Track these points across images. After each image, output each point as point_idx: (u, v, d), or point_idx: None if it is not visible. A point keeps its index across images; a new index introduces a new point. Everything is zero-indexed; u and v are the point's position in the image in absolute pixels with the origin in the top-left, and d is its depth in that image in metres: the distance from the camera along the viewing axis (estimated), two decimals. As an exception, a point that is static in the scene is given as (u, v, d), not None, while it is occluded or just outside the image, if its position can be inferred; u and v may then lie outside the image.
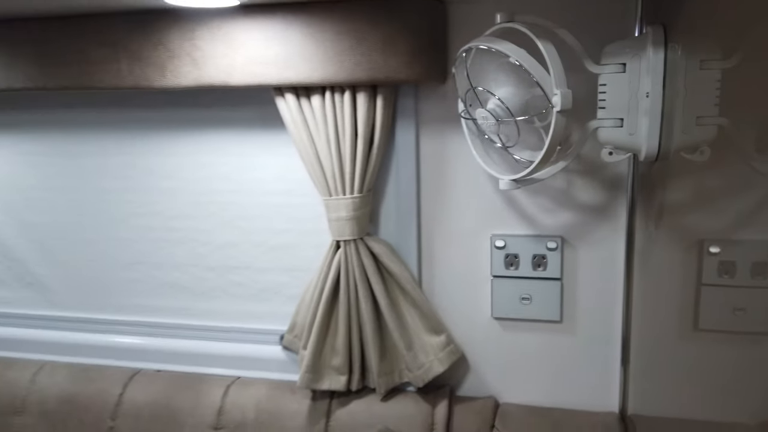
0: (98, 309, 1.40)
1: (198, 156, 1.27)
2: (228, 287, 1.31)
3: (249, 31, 1.07)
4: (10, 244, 1.41)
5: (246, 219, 1.28)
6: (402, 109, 1.15)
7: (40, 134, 1.35)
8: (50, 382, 1.30)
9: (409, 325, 1.17)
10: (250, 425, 1.18)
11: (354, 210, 1.11)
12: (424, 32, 1.03)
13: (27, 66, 1.18)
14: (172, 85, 1.12)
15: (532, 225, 1.15)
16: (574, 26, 0.96)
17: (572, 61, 0.94)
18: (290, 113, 1.11)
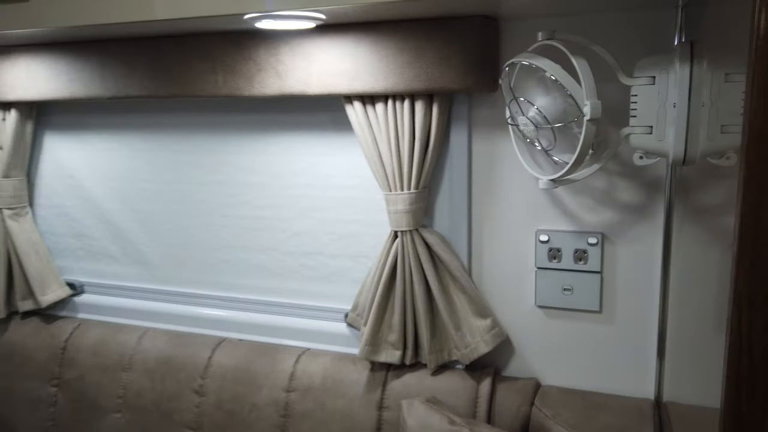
0: (193, 284, 1.62)
1: (279, 154, 1.46)
2: (302, 270, 1.50)
3: (324, 47, 1.24)
4: (124, 227, 1.66)
5: (319, 210, 1.45)
6: (456, 114, 1.28)
7: (151, 134, 1.58)
8: (152, 345, 1.54)
9: (457, 308, 1.30)
10: (316, 389, 1.36)
11: (410, 204, 1.26)
12: (477, 47, 1.16)
13: (142, 77, 1.41)
14: (259, 94, 1.31)
15: (575, 222, 1.25)
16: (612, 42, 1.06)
17: (608, 74, 1.04)
18: (357, 118, 1.27)
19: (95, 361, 1.56)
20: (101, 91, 1.45)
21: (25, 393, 1.61)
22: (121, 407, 1.52)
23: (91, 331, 1.61)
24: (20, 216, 1.69)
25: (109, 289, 1.71)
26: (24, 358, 1.63)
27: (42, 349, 1.62)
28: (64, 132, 1.67)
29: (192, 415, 1.44)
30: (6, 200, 1.66)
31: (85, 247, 1.72)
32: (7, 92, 1.56)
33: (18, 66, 1.52)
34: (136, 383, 1.51)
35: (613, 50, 1.04)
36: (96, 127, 1.63)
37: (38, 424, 1.59)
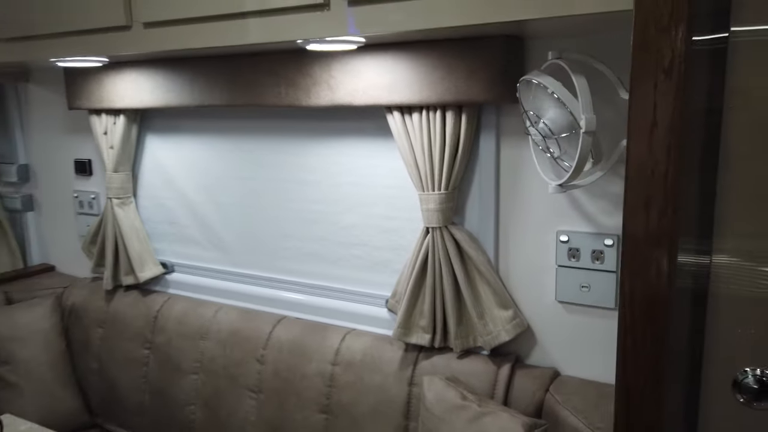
0: (261, 268, 1.86)
1: (332, 156, 1.66)
2: (350, 259, 1.68)
3: (368, 64, 1.42)
4: (206, 216, 1.93)
5: (365, 206, 1.63)
6: (485, 122, 1.41)
7: (229, 137, 1.84)
8: (225, 319, 1.79)
9: (482, 299, 1.43)
10: (357, 365, 1.54)
11: (440, 203, 1.40)
12: (501, 63, 1.29)
13: (222, 89, 1.66)
14: (314, 104, 1.51)
15: (593, 224, 1.34)
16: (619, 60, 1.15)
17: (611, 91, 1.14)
18: (396, 126, 1.43)
19: (179, 330, 1.84)
20: (190, 101, 1.72)
21: (124, 353, 1.93)
22: (198, 370, 1.78)
23: (178, 305, 1.90)
24: (126, 204, 2.02)
25: (193, 269, 1.99)
26: (125, 325, 1.95)
27: (139, 318, 1.93)
28: (162, 134, 1.97)
29: (254, 380, 1.68)
30: (115, 191, 1.99)
31: (176, 232, 2.01)
32: (117, 101, 1.87)
33: (126, 80, 1.83)
34: (211, 350, 1.77)
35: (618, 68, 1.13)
36: (186, 131, 1.92)
37: (134, 380, 1.90)
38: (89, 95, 1.93)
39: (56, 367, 1.95)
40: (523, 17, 0.94)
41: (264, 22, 1.19)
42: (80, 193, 2.21)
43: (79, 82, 1.94)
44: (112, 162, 1.97)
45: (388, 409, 1.48)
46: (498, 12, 0.97)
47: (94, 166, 2.17)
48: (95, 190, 2.18)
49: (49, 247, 2.39)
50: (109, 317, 1.99)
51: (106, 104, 1.90)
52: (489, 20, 0.99)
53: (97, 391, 1.99)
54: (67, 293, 2.12)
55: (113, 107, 1.88)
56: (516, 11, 0.96)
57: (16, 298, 2.12)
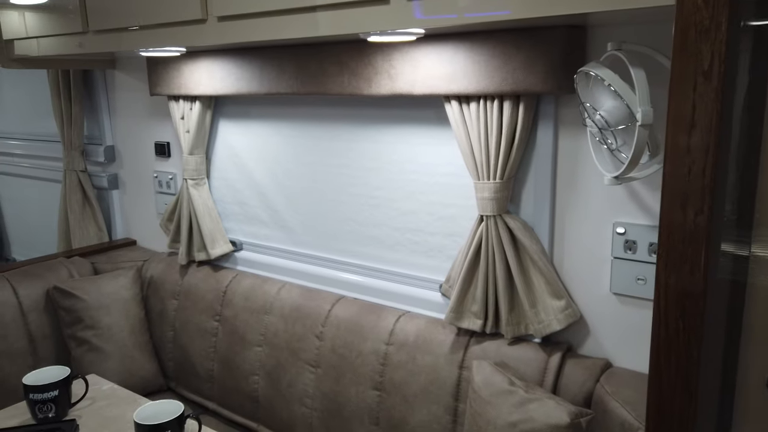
0: (322, 249, 1.94)
1: (392, 144, 1.71)
2: (407, 243, 1.74)
3: (427, 54, 1.45)
4: (272, 198, 2.03)
5: (423, 193, 1.67)
6: (543, 112, 1.42)
7: (295, 123, 1.92)
8: (288, 296, 1.89)
9: (535, 287, 1.45)
10: (410, 345, 1.60)
11: (495, 192, 1.43)
12: (560, 53, 1.29)
13: (289, 78, 1.74)
14: (375, 93, 1.56)
15: (651, 216, 1.32)
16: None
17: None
18: (454, 115, 1.46)
19: (246, 305, 1.96)
20: (259, 89, 1.81)
21: (196, 324, 2.08)
22: (262, 343, 1.90)
23: (245, 281, 2.02)
24: (199, 185, 2.15)
25: (259, 248, 2.10)
26: (198, 297, 2.09)
27: (209, 292, 2.06)
28: (233, 120, 2.08)
29: (313, 355, 1.77)
30: (190, 172, 2.12)
31: (245, 213, 2.13)
32: (193, 88, 1.99)
33: (200, 69, 1.94)
34: (274, 325, 1.88)
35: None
36: (256, 117, 2.02)
37: (204, 349, 2.05)
38: (169, 82, 2.06)
39: (135, 333, 2.13)
40: (592, 9, 0.93)
41: (330, 15, 1.25)
42: (159, 174, 2.37)
43: (159, 70, 2.08)
44: (188, 145, 2.10)
45: (439, 389, 1.53)
46: (566, 4, 0.97)
47: (172, 148, 2.32)
48: (173, 170, 2.34)
49: (131, 223, 2.59)
50: (183, 290, 2.15)
51: (183, 91, 2.02)
52: (555, 12, 0.99)
53: (171, 358, 2.16)
54: (146, 266, 2.30)
55: (190, 94, 2.01)
56: (585, 3, 0.95)
57: (101, 269, 2.31)
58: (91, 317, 2.07)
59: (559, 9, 0.99)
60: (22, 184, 3.14)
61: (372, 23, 1.21)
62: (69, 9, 1.78)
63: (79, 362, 2.05)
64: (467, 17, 1.09)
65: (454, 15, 1.10)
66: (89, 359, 2.05)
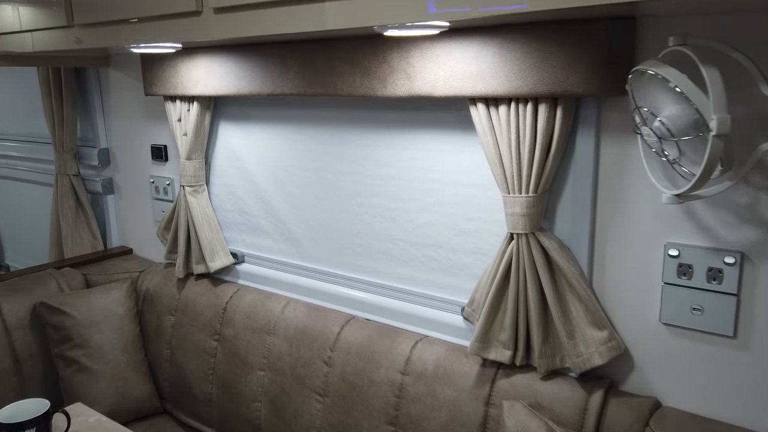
0: (331, 264, 1.78)
1: (409, 150, 1.53)
2: (424, 260, 1.57)
3: (451, 51, 1.28)
4: (276, 207, 1.87)
5: (443, 205, 1.50)
6: (584, 117, 1.24)
7: (302, 126, 1.75)
8: (293, 315, 1.73)
9: (573, 316, 1.27)
10: (428, 376, 1.43)
11: (527, 208, 1.25)
12: (607, 49, 1.11)
13: (294, 77, 1.57)
14: (391, 94, 1.39)
15: (710, 237, 1.15)
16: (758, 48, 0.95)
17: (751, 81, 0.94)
18: (480, 120, 1.29)
19: (247, 324, 1.80)
20: (261, 89, 1.64)
21: (194, 343, 1.92)
22: (264, 366, 1.74)
23: (247, 297, 1.85)
24: (198, 192, 1.99)
25: (263, 261, 1.94)
26: (196, 314, 1.93)
27: (209, 308, 1.90)
28: (234, 122, 1.92)
29: (320, 383, 1.61)
30: (188, 179, 1.96)
31: (247, 222, 1.97)
32: (190, 88, 1.83)
33: (199, 66, 1.78)
34: (278, 347, 1.72)
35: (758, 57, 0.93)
36: (258, 119, 1.85)
37: (202, 371, 1.89)
38: (164, 82, 1.90)
39: (129, 351, 1.97)
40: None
41: (339, 6, 1.08)
42: (156, 179, 2.21)
43: (155, 68, 1.92)
44: (185, 149, 1.94)
45: (462, 428, 1.36)
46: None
47: (169, 151, 2.16)
48: (170, 176, 2.17)
49: (127, 231, 2.43)
50: (180, 305, 1.99)
51: (180, 91, 1.86)
52: (601, 1, 0.82)
53: (167, 378, 2.00)
54: (142, 278, 2.14)
55: (187, 94, 1.85)
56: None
57: (93, 281, 2.16)
58: (81, 335, 1.91)
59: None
60: (15, 187, 2.99)
61: (390, 15, 1.04)
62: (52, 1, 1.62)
63: (67, 384, 1.90)
64: (483, 11, 0.93)
65: (468, 8, 0.93)
66: (78, 380, 1.90)
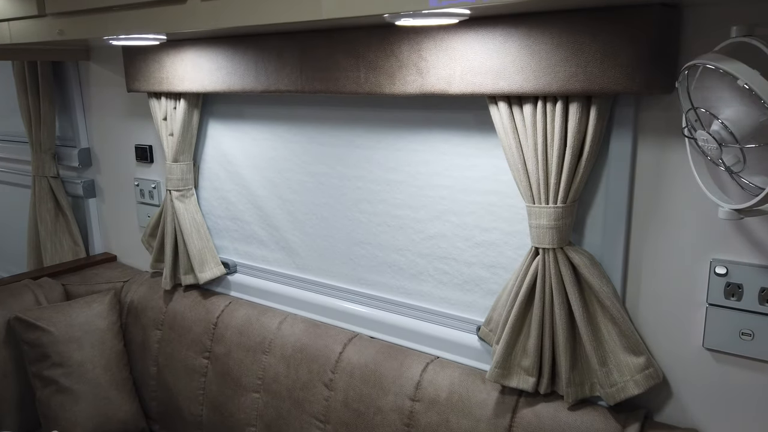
0: (332, 276, 1.64)
1: (420, 153, 1.39)
2: (435, 274, 1.43)
3: (469, 43, 1.13)
4: (272, 214, 1.72)
5: (456, 214, 1.37)
6: (619, 118, 1.11)
7: (300, 126, 1.61)
8: (290, 332, 1.59)
9: (605, 340, 1.14)
10: (441, 404, 1.30)
11: (556, 219, 1.12)
12: (651, 41, 0.98)
13: (291, 72, 1.42)
14: (400, 92, 1.25)
15: (764, 254, 1.02)
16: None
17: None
18: (501, 120, 1.15)
19: (240, 341, 1.66)
20: (254, 85, 1.50)
21: (183, 361, 1.77)
22: (259, 388, 1.60)
23: (239, 311, 1.71)
24: (186, 197, 1.84)
25: (257, 271, 1.80)
26: (184, 329, 1.79)
27: (198, 323, 1.76)
28: (225, 121, 1.77)
29: (321, 408, 1.47)
30: (174, 182, 1.81)
31: (239, 229, 1.82)
32: (177, 84, 1.68)
33: (186, 60, 1.63)
34: (274, 368, 1.58)
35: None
36: (251, 118, 1.70)
37: (191, 391, 1.74)
38: (148, 77, 1.74)
39: (112, 369, 1.82)
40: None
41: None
42: (141, 182, 2.06)
43: (138, 62, 1.76)
44: (171, 151, 1.79)
45: (480, 462, 1.23)
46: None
47: (155, 152, 2.01)
48: (156, 178, 2.02)
49: (110, 236, 2.27)
50: (167, 319, 1.84)
51: (165, 87, 1.71)
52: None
53: (154, 397, 1.86)
54: (126, 288, 1.99)
55: (173, 90, 1.69)
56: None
57: (74, 292, 2.01)
58: (59, 353, 1.76)
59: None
60: (-8, 188, 2.82)
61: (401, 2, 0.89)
62: (22, -13, 1.47)
63: (45, 406, 1.75)
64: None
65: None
66: (57, 402, 1.75)
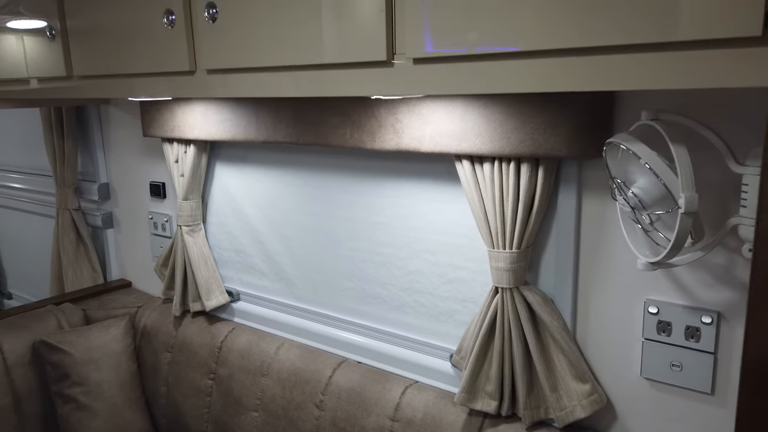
0: (324, 305, 1.81)
1: (398, 198, 1.57)
2: (414, 306, 1.60)
3: (436, 110, 1.31)
4: (272, 248, 1.90)
5: (432, 253, 1.53)
6: (565, 175, 1.27)
7: (296, 170, 1.79)
8: (286, 357, 1.76)
9: (556, 369, 1.30)
10: (417, 424, 1.46)
11: (511, 263, 1.28)
12: (586, 114, 1.15)
13: (286, 127, 1.61)
14: (379, 148, 1.43)
15: (688, 296, 1.18)
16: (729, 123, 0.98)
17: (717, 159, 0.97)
18: (465, 175, 1.32)
19: (242, 364, 1.83)
20: (255, 136, 1.69)
21: (190, 381, 1.95)
22: (258, 408, 1.76)
23: (241, 336, 1.89)
24: (195, 232, 2.03)
25: (257, 299, 1.97)
26: (191, 352, 1.97)
27: (204, 347, 1.93)
28: (230, 164, 1.96)
29: (312, 427, 1.63)
30: (185, 219, 2.00)
31: (243, 261, 2.00)
32: (187, 132, 1.87)
33: (195, 112, 1.82)
34: (271, 389, 1.74)
35: (727, 132, 0.96)
36: (254, 162, 1.89)
37: (198, 409, 1.92)
38: (162, 125, 1.94)
39: (126, 389, 2.00)
40: (630, 87, 0.78)
41: (323, 75, 1.12)
42: (154, 215, 2.25)
43: (152, 112, 1.96)
44: (182, 190, 1.98)
45: (449, 477, 1.38)
46: (595, 79, 0.80)
47: (167, 189, 2.20)
48: (168, 212, 2.21)
49: (126, 264, 2.47)
50: (177, 342, 2.02)
51: (177, 134, 1.90)
52: (582, 88, 0.84)
53: (164, 415, 2.03)
54: (140, 313, 2.17)
55: (183, 137, 1.89)
56: (619, 80, 0.78)
57: (93, 316, 2.19)
58: (79, 374, 1.94)
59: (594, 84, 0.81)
60: (17, 217, 3.03)
61: (371, 87, 1.07)
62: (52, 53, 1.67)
63: (65, 422, 1.93)
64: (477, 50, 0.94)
65: (464, 50, 0.95)
66: (76, 418, 1.93)
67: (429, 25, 0.95)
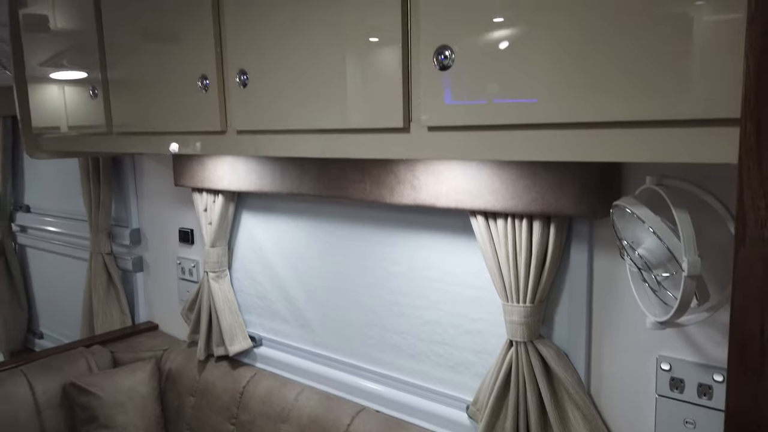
0: (344, 353, 1.85)
1: (417, 250, 1.62)
2: (431, 356, 1.63)
3: (452, 169, 1.38)
4: (294, 294, 1.96)
5: (448, 304, 1.58)
6: (577, 232, 1.32)
7: (318, 220, 1.86)
8: (306, 404, 1.79)
9: (570, 423, 1.31)
10: (433, 474, 1.47)
11: (525, 317, 1.32)
12: (595, 174, 1.20)
13: (311, 180, 1.69)
14: (397, 202, 1.49)
15: (700, 353, 1.19)
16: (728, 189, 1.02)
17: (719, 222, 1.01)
18: (480, 231, 1.37)
19: (263, 410, 1.87)
20: (281, 188, 1.77)
21: (212, 426, 1.99)
22: (278, 454, 1.79)
23: (263, 382, 1.93)
24: (221, 278, 2.10)
25: (279, 345, 2.02)
26: (214, 397, 2.01)
27: (226, 391, 1.98)
28: (257, 213, 2.04)
29: (330, 474, 1.66)
30: (211, 265, 2.08)
31: (266, 307, 2.06)
32: (216, 182, 1.97)
33: (224, 164, 1.92)
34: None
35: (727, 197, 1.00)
36: (279, 211, 1.97)
37: (219, 453, 1.95)
38: (192, 175, 2.04)
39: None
40: (631, 159, 0.83)
41: (345, 139, 1.19)
42: (182, 260, 2.34)
43: (184, 162, 2.07)
44: (210, 237, 2.06)
45: None
46: (601, 150, 0.85)
47: (195, 236, 2.29)
48: (195, 258, 2.30)
49: (154, 307, 2.55)
50: (200, 387, 2.07)
51: (206, 185, 2.00)
52: (589, 159, 0.89)
53: (186, 458, 2.07)
54: (166, 356, 2.24)
55: (212, 188, 1.98)
56: (623, 152, 0.84)
57: (120, 359, 2.26)
58: (107, 416, 2.00)
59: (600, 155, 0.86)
60: (51, 259, 3.16)
61: (389, 150, 1.14)
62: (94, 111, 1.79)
63: (91, 463, 1.98)
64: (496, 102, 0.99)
65: (483, 101, 1.00)
66: (102, 460, 1.97)
67: (445, 94, 1.02)
